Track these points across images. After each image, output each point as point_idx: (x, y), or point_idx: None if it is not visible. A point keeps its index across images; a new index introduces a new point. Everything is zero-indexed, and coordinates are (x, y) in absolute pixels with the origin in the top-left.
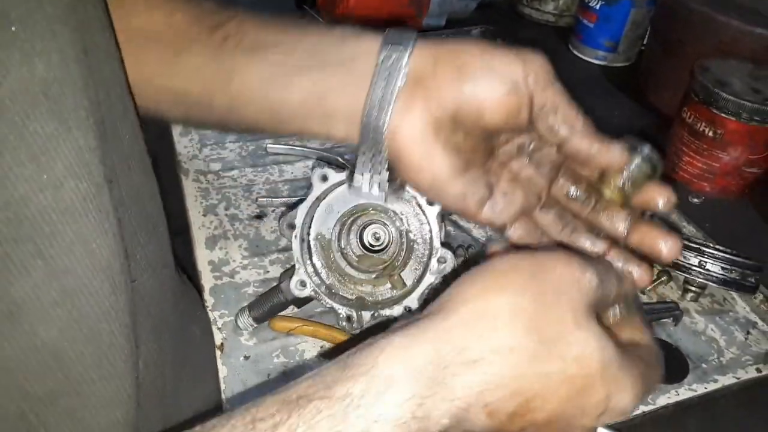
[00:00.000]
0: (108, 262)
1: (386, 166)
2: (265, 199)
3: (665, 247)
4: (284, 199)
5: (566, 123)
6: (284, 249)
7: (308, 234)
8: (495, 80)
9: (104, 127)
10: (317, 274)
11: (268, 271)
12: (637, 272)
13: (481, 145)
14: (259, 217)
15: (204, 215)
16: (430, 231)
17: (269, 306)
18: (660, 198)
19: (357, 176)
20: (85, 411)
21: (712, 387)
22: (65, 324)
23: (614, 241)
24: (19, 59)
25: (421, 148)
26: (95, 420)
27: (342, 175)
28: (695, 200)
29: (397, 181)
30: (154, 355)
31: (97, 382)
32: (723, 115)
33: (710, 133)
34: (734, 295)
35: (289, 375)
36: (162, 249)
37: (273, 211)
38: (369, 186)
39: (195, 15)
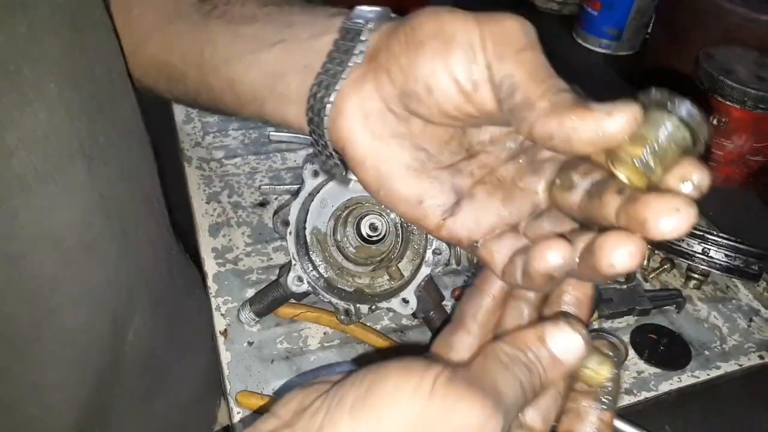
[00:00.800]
0: (63, 233)
1: (335, 157)
2: (268, 186)
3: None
4: (287, 186)
5: (525, 102)
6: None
7: (304, 229)
8: (444, 48)
9: (94, 103)
10: (315, 268)
11: (271, 258)
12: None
13: (449, 139)
14: (262, 204)
15: (207, 203)
16: None
17: (270, 300)
18: (695, 175)
19: (308, 166)
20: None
21: (714, 374)
22: None
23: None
24: None
25: (365, 136)
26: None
27: None
28: None
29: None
30: (148, 324)
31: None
32: (728, 102)
33: (714, 121)
34: (737, 282)
35: (292, 360)
36: (159, 225)
37: (276, 198)
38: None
39: None
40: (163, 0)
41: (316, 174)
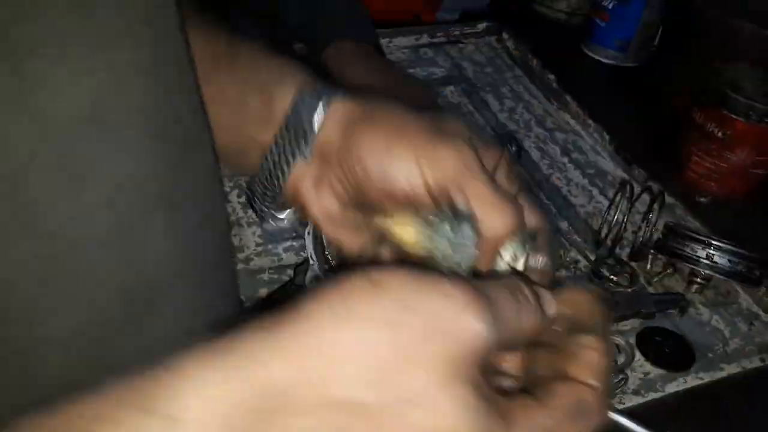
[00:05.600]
0: (133, 288)
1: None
2: None
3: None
4: None
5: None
6: (298, 236)
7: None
8: (390, 185)
9: (176, 146)
10: (332, 268)
11: (282, 258)
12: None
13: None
14: None
15: None
16: None
17: (283, 301)
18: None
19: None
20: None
21: (718, 375)
22: None
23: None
24: (67, 80)
25: (331, 228)
26: None
27: None
28: (702, 200)
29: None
30: None
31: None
32: (733, 116)
33: (719, 134)
34: (737, 287)
35: None
36: (232, 273)
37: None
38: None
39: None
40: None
41: None
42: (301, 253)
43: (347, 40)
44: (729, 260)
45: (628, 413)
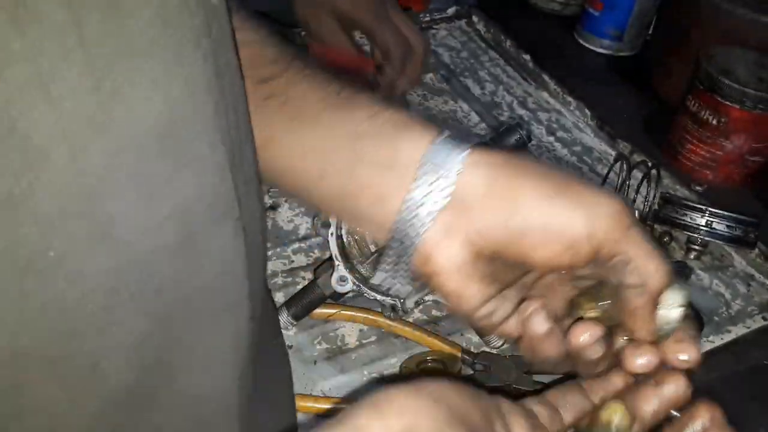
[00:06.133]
0: (202, 298)
1: (408, 278)
2: (276, 189)
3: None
4: None
5: (639, 277)
6: (304, 237)
7: (340, 229)
8: (550, 234)
9: (235, 157)
10: (353, 267)
11: (292, 261)
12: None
13: (519, 273)
14: (273, 207)
15: None
16: None
17: (308, 302)
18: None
19: (379, 274)
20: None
21: (728, 338)
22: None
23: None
24: (142, 95)
25: (457, 278)
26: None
27: None
28: (698, 188)
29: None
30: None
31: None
32: (727, 102)
33: (714, 121)
34: (731, 251)
35: (335, 359)
36: (261, 279)
37: (286, 200)
38: (386, 286)
39: (252, 58)
40: None
41: None
42: (310, 253)
43: None
44: (727, 225)
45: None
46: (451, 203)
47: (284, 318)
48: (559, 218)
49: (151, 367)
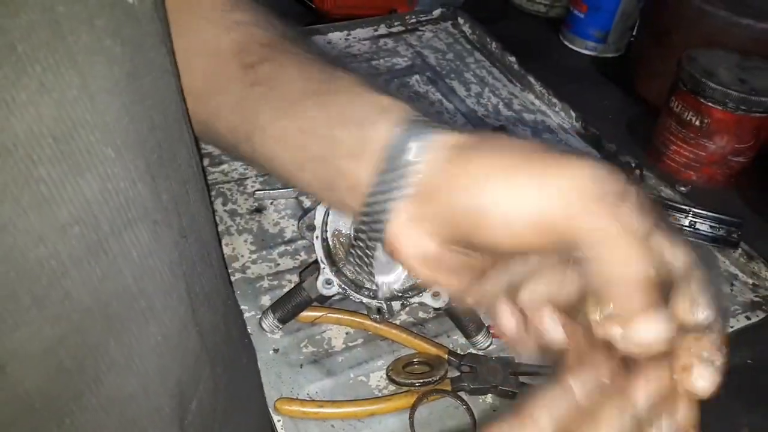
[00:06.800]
0: (114, 302)
1: (376, 269)
2: (262, 192)
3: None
4: (281, 190)
5: (602, 279)
6: (290, 240)
7: (326, 231)
8: (511, 213)
9: (154, 158)
10: (339, 270)
11: (278, 264)
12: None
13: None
14: (259, 210)
15: None
16: None
17: (293, 305)
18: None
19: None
20: None
21: None
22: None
23: None
24: (26, 98)
25: (426, 267)
26: None
27: None
28: (682, 189)
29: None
30: (208, 389)
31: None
32: (710, 104)
33: (697, 122)
34: (714, 251)
35: (321, 362)
36: (217, 278)
37: (271, 203)
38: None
39: (241, 41)
40: (205, 66)
41: None
42: (296, 256)
43: None
44: (710, 226)
45: None
46: (417, 191)
47: (270, 321)
48: (517, 194)
49: (71, 370)
